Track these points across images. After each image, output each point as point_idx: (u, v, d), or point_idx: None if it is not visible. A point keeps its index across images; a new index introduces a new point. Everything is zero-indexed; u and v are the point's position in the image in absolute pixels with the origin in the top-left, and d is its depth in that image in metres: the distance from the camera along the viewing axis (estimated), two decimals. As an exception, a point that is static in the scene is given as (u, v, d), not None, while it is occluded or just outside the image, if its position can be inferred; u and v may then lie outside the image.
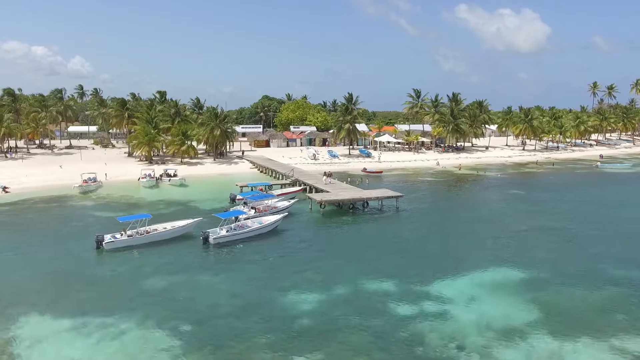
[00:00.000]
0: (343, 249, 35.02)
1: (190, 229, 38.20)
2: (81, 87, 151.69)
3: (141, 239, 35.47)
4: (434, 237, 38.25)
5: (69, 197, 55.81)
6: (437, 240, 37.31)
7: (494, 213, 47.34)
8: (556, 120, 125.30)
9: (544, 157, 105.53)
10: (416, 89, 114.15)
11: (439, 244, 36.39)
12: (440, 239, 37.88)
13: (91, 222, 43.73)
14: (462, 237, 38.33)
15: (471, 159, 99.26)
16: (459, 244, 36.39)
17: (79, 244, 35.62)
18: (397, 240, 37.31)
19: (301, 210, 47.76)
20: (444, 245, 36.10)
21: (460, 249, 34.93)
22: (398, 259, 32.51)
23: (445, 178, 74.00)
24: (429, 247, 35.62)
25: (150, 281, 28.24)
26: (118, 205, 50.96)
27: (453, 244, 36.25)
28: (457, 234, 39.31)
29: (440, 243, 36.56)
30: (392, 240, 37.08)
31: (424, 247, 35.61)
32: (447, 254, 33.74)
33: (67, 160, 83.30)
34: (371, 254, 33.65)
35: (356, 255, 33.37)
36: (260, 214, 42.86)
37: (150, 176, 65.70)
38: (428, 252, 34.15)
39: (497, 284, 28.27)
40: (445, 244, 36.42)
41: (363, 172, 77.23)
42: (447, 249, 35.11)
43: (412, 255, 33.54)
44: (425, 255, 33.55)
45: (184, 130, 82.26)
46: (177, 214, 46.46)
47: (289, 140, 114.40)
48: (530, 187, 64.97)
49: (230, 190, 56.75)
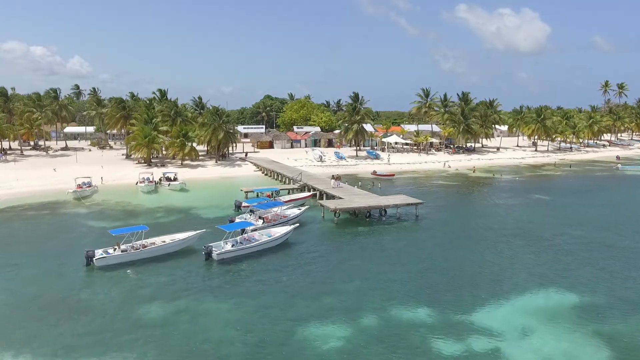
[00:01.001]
0: (364, 266, 31.06)
1: (191, 242, 34.29)
2: (77, 87, 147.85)
3: (136, 254, 31.53)
4: (464, 252, 34.25)
5: (61, 203, 51.94)
6: (468, 256, 33.32)
7: (522, 222, 43.37)
8: (568, 120, 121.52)
9: (558, 158, 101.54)
10: (425, 88, 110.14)
11: (471, 260, 32.41)
12: (471, 254, 33.88)
13: (83, 233, 39.83)
14: (495, 251, 34.34)
15: (483, 160, 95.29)
16: (494, 260, 32.42)
17: (68, 260, 31.73)
18: (423, 255, 33.35)
19: (313, 218, 43.84)
20: (477, 261, 32.12)
21: (497, 267, 30.97)
22: (428, 280, 28.58)
23: (460, 182, 70.02)
24: (460, 264, 31.64)
25: (145, 309, 24.29)
26: (114, 213, 47.04)
27: (487, 261, 32.26)
28: (489, 247, 35.33)
29: (472, 259, 32.58)
30: (418, 256, 33.13)
31: (454, 264, 31.62)
32: (482, 273, 29.80)
33: (62, 162, 79.39)
34: (397, 273, 29.71)
35: (380, 274, 29.42)
36: (269, 224, 38.96)
37: (149, 180, 61.77)
38: (461, 271, 30.18)
39: (550, 311, 24.32)
40: (478, 260, 32.44)
41: (373, 175, 73.29)
42: (482, 266, 31.16)
43: (443, 274, 29.58)
44: (458, 274, 29.58)
45: (185, 131, 78.33)
46: (177, 223, 42.59)
47: (293, 141, 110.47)
48: (552, 191, 60.98)
49: (234, 195, 52.98)
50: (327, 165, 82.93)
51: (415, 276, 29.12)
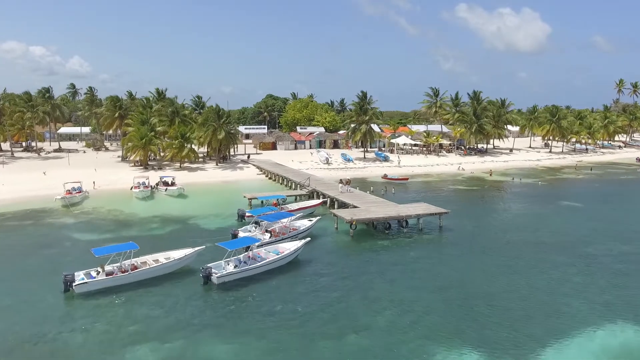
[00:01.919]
0: (393, 292, 26.43)
1: (188, 261, 29.66)
2: (73, 86, 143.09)
3: (124, 277, 26.90)
4: (505, 273, 29.58)
5: (47, 211, 47.32)
6: (511, 279, 28.65)
7: (560, 235, 38.74)
8: (581, 120, 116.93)
9: (575, 160, 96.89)
10: (434, 87, 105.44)
11: (516, 284, 27.73)
12: (514, 275, 29.21)
13: (67, 248, 35.18)
14: (541, 272, 29.64)
15: (497, 162, 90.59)
16: (543, 284, 27.73)
17: (45, 283, 27.14)
18: (459, 277, 28.71)
19: (324, 230, 39.24)
20: (524, 286, 27.45)
21: (548, 293, 26.30)
22: (472, 310, 23.94)
23: (478, 186, 65.34)
24: (504, 289, 26.99)
25: (131, 354, 19.67)
26: (103, 224, 42.41)
27: (535, 285, 27.55)
28: (532, 267, 30.64)
29: (517, 283, 27.90)
30: (452, 278, 28.49)
31: (497, 289, 26.97)
32: (533, 301, 25.16)
33: (53, 165, 74.79)
34: (433, 300, 25.10)
35: (413, 303, 24.81)
36: (277, 239, 34.33)
37: (145, 185, 57.13)
38: (507, 299, 25.52)
39: (627, 352, 19.73)
40: (524, 284, 27.77)
41: (384, 179, 68.61)
42: (531, 292, 26.48)
43: (487, 303, 24.93)
44: (505, 303, 24.92)
45: (184, 131, 73.68)
46: (174, 235, 38.03)
47: (297, 142, 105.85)
48: (581, 197, 56.29)
49: (236, 202, 48.48)
50: (334, 168, 78.27)
51: (456, 306, 24.49)
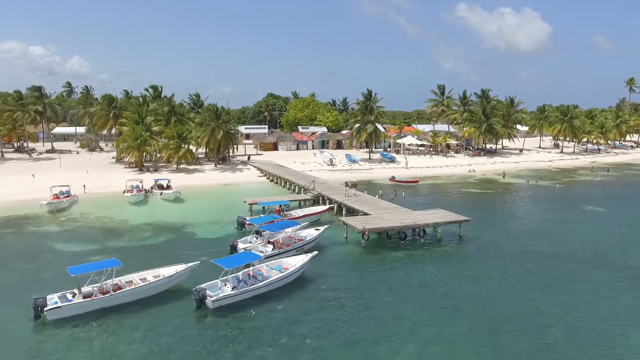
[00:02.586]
0: (415, 316, 22.81)
1: (180, 279, 26.06)
2: (69, 85, 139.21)
3: (104, 300, 23.26)
4: (540, 292, 25.96)
5: (31, 218, 43.75)
6: (549, 299, 25.04)
7: (592, 244, 35.14)
8: (592, 120, 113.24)
9: (588, 161, 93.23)
10: (440, 85, 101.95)
11: (556, 305, 24.08)
12: (551, 294, 25.59)
13: (47, 262, 31.51)
14: (581, 290, 26.01)
15: (508, 163, 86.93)
16: (587, 305, 24.07)
17: (15, 307, 23.59)
18: (490, 297, 25.06)
19: (332, 239, 35.66)
20: (565, 308, 23.82)
21: (595, 317, 22.65)
22: (508, 340, 20.30)
23: (492, 189, 61.66)
24: (543, 312, 23.35)
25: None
26: (90, 233, 38.83)
27: (580, 308, 23.89)
28: (570, 284, 27.01)
29: (556, 303, 24.25)
30: (482, 299, 24.85)
31: (536, 312, 23.32)
32: (579, 327, 21.54)
33: (44, 167, 71.18)
34: (462, 326, 21.48)
35: (441, 329, 21.20)
36: (280, 251, 30.70)
37: (138, 189, 53.49)
38: (548, 324, 21.88)
39: None
40: (565, 305, 24.14)
41: (391, 182, 64.96)
42: (575, 316, 22.84)
43: (525, 329, 21.31)
44: (550, 336, 21.24)
45: (181, 131, 70.07)
46: (167, 246, 34.47)
47: (299, 142, 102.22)
48: (605, 201, 52.55)
49: (235, 207, 45.11)
50: (338, 169, 74.63)
51: (489, 334, 20.87)
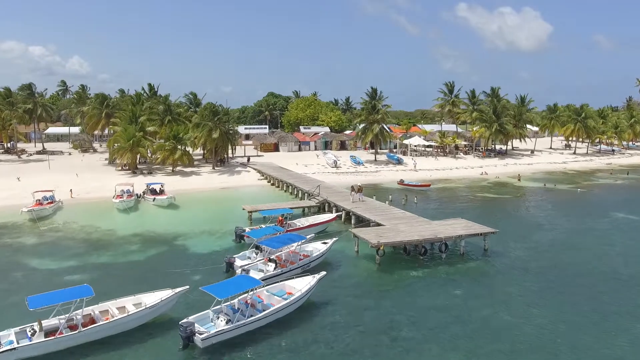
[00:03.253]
0: (445, 356, 18.75)
1: (166, 307, 21.93)
2: (64, 83, 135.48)
3: (71, 339, 19.11)
4: (596, 328, 21.88)
5: (9, 227, 39.82)
6: (607, 337, 20.95)
7: (637, 259, 31.07)
8: (604, 119, 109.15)
9: (603, 162, 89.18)
10: (448, 83, 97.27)
11: (616, 346, 20.02)
12: (610, 332, 21.51)
13: (18, 281, 27.47)
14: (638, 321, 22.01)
15: (520, 165, 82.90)
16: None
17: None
18: (531, 335, 20.91)
19: (341, 254, 31.66)
20: (623, 343, 19.80)
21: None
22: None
23: (509, 194, 57.48)
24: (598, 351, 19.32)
25: None
26: (71, 245, 34.78)
27: None
28: (626, 315, 22.95)
29: (616, 343, 20.17)
30: (522, 332, 20.75)
31: (592, 352, 19.27)
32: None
33: (33, 169, 67.21)
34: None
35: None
36: (284, 270, 26.65)
37: (129, 194, 49.44)
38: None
39: None
40: (624, 339, 20.12)
41: (400, 185, 60.93)
42: None
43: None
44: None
45: (176, 132, 66.04)
46: (155, 262, 30.42)
47: (301, 143, 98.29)
48: (636, 208, 48.39)
49: (234, 215, 41.43)
50: (343, 172, 70.58)
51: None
